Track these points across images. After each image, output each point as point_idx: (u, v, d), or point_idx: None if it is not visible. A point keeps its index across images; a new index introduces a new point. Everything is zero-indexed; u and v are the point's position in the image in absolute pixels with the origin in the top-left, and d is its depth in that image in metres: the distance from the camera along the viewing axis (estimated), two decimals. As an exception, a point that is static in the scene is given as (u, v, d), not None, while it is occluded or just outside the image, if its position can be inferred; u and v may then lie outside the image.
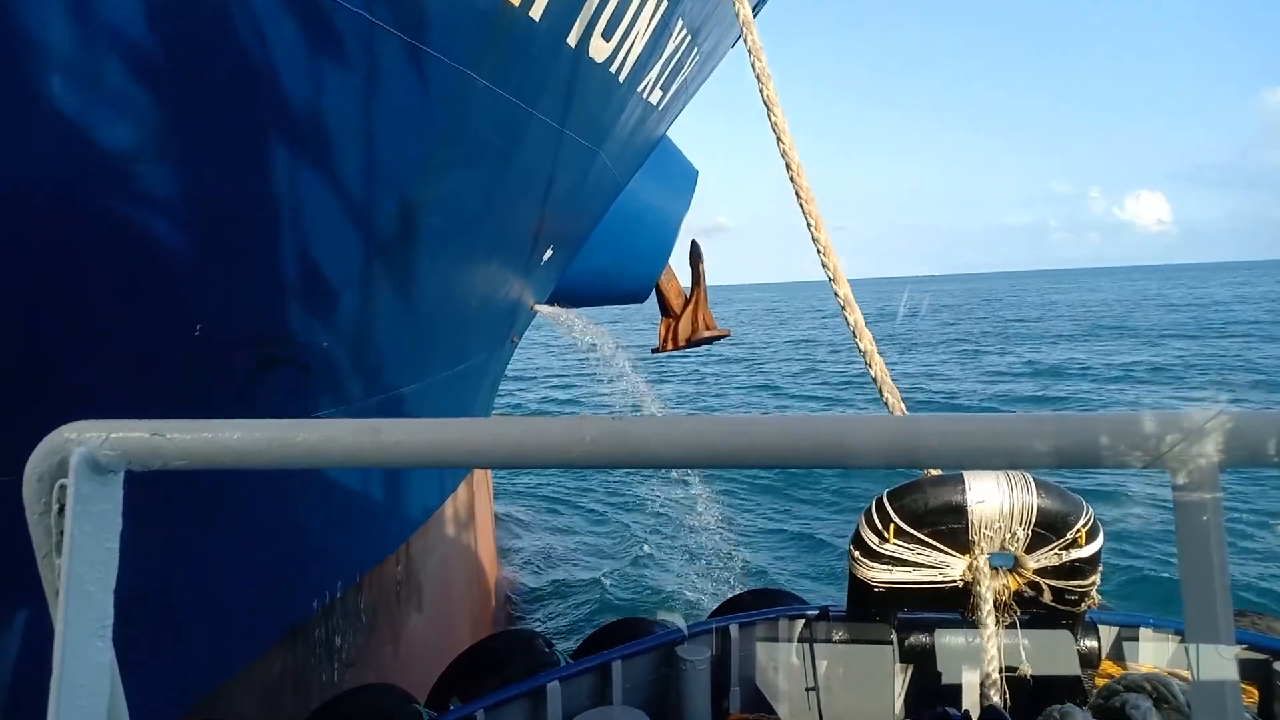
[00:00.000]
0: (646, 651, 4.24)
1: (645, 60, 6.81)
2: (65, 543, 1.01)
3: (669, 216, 10.94)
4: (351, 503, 6.15)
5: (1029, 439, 0.91)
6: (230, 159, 3.63)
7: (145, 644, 4.19)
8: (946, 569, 3.75)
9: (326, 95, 3.84)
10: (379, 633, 6.79)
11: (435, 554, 8.38)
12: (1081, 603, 3.78)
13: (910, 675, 3.94)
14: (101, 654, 1.03)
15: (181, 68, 3.19)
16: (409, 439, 1.03)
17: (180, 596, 4.44)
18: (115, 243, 3.32)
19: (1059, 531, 3.60)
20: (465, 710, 3.84)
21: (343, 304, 4.89)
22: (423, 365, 6.70)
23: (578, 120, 6.37)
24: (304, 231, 4.19)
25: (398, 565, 7.24)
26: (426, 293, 5.94)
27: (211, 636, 4.84)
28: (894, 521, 3.71)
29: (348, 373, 5.35)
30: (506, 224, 6.68)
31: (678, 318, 11.69)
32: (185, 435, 1.04)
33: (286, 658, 5.53)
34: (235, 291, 4.03)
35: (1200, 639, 0.86)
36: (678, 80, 8.30)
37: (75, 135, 2.96)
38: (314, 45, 3.64)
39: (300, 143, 3.88)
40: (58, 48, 2.78)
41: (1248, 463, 0.86)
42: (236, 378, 4.28)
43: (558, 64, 5.52)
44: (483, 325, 7.96)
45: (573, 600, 13.03)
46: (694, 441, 0.99)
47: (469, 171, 5.44)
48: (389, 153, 4.46)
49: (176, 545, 4.26)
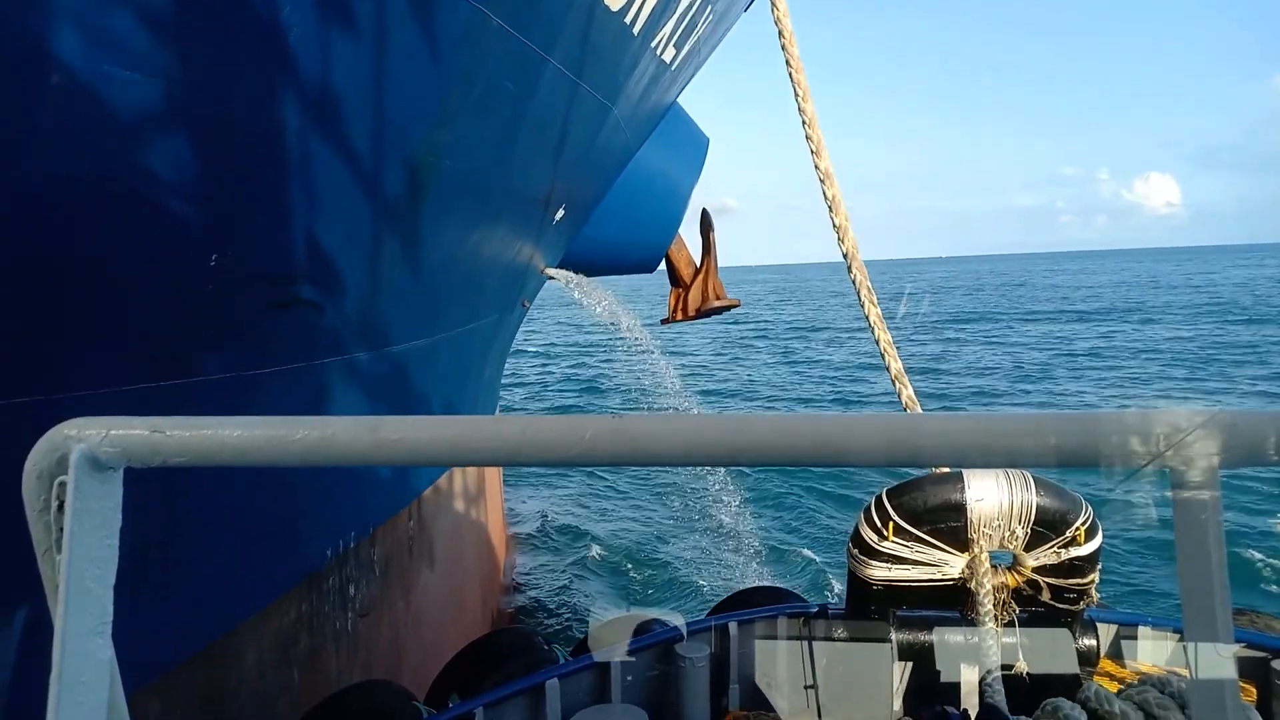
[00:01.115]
0: (645, 649, 4.24)
1: (660, 13, 6.72)
2: (65, 540, 1.01)
3: (680, 185, 10.73)
4: None
5: (1028, 438, 0.91)
6: (244, 95, 3.60)
7: (159, 582, 4.23)
8: (945, 567, 3.76)
9: (338, 31, 3.80)
10: (391, 584, 6.87)
11: (447, 515, 8.49)
12: (1080, 601, 3.79)
13: (909, 673, 3.94)
14: (101, 650, 1.03)
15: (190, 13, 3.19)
16: (409, 436, 1.04)
17: (195, 538, 4.49)
18: (129, 174, 3.35)
19: (1058, 530, 3.60)
20: (464, 707, 3.85)
21: (356, 248, 4.86)
22: (433, 320, 6.67)
23: (592, 71, 6.29)
24: (317, 171, 4.17)
25: (410, 521, 7.33)
26: (439, 245, 5.89)
27: (227, 578, 4.89)
28: (893, 519, 3.72)
29: (359, 320, 5.34)
30: (520, 178, 6.60)
31: (688, 288, 11.56)
32: (185, 432, 1.04)
33: (301, 604, 5.60)
34: (249, 225, 4.03)
35: (1199, 637, 0.86)
36: (691, 39, 8.17)
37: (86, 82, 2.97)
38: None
39: (312, 80, 3.83)
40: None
41: (1247, 462, 0.86)
42: (252, 313, 4.30)
43: (573, 8, 5.46)
44: (494, 284, 7.88)
45: (574, 588, 13.05)
46: (694, 440, 0.99)
47: (483, 118, 5.36)
48: (402, 93, 4.41)
49: (191, 489, 4.31)
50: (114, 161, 3.24)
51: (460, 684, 4.65)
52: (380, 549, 6.66)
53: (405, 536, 7.24)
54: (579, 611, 12.17)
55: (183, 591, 4.44)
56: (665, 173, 10.36)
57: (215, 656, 4.84)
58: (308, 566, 5.69)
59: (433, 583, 7.85)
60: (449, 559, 8.50)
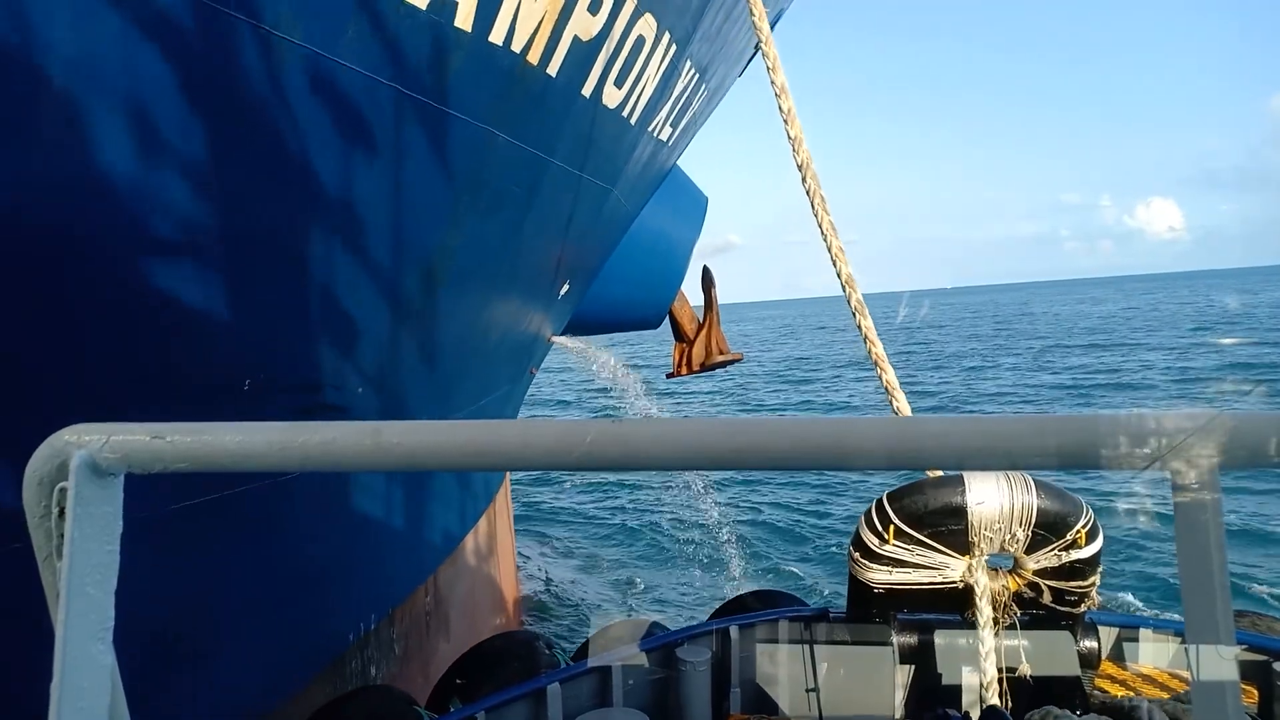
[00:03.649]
0: (647, 653, 4.24)
1: (655, 102, 7.00)
2: (66, 545, 1.01)
3: (680, 243, 11.07)
4: (380, 534, 6.38)
5: (1029, 440, 0.91)
6: (271, 226, 3.85)
7: (198, 671, 4.48)
8: (946, 570, 3.75)
9: (358, 161, 4.06)
10: (410, 661, 7.04)
11: (462, 583, 8.68)
12: (1081, 603, 3.78)
13: (910, 676, 3.94)
14: (102, 656, 1.02)
15: (221, 149, 3.40)
16: (409, 441, 1.03)
17: (228, 628, 4.72)
18: (174, 309, 3.61)
19: (1059, 532, 3.60)
20: (466, 712, 3.84)
21: (374, 350, 5.13)
22: (448, 401, 6.94)
23: (593, 163, 6.56)
24: (339, 285, 4.43)
25: (427, 596, 7.53)
26: (452, 334, 6.15)
27: (259, 668, 5.09)
28: (894, 523, 3.71)
29: (378, 414, 5.54)
30: (526, 264, 6.88)
31: (691, 343, 11.77)
32: (185, 438, 1.04)
33: (326, 689, 5.78)
34: (280, 344, 4.29)
35: (1200, 639, 0.86)
36: (687, 116, 8.49)
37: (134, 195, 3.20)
38: (350, 119, 3.86)
39: (336, 204, 4.09)
40: (119, 142, 2.98)
41: (1247, 463, 0.86)
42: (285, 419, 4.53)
43: (573, 114, 5.71)
44: (504, 359, 8.15)
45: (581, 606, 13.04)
46: (694, 444, 0.99)
47: (491, 219, 5.64)
48: (417, 208, 4.66)
49: (226, 581, 4.55)
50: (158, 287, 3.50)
51: (462, 688, 4.64)
52: (399, 628, 6.87)
53: (422, 612, 7.43)
54: (580, 615, 12.16)
55: (220, 683, 4.68)
56: (666, 233, 10.65)
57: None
58: (334, 651, 5.94)
59: (449, 653, 7.93)
60: (464, 626, 8.64)
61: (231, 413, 4.08)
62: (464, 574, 8.83)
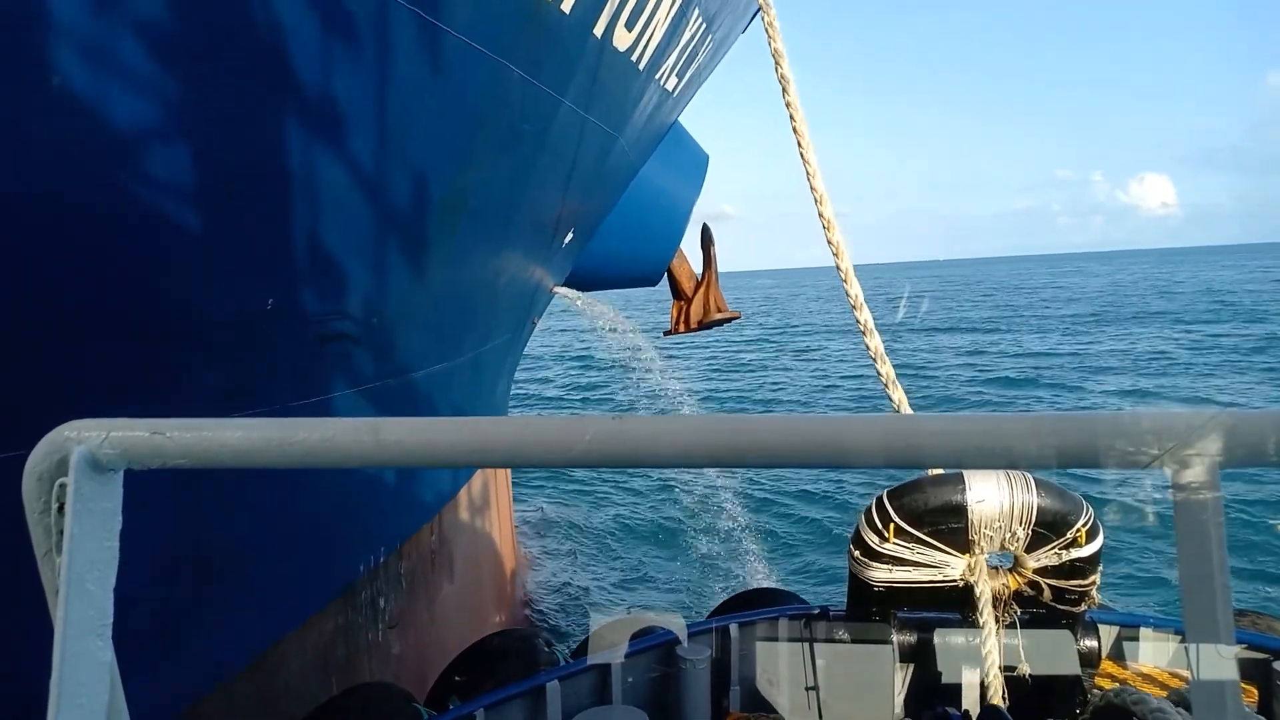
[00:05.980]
0: (646, 651, 4.24)
1: (663, 48, 7.13)
2: (65, 541, 1.01)
3: (681, 201, 11.11)
4: (386, 476, 6.60)
5: (1029, 438, 0.91)
6: (290, 154, 3.92)
7: (236, 588, 4.79)
8: (946, 568, 3.75)
9: (384, 89, 4.16)
10: (416, 596, 7.27)
11: (464, 528, 8.92)
12: (1081, 602, 3.78)
13: (910, 675, 3.94)
14: (102, 653, 1.02)
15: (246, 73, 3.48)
16: (409, 438, 1.03)
17: (251, 555, 4.97)
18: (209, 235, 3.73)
19: (1059, 531, 3.60)
20: (465, 709, 3.84)
21: (390, 286, 5.27)
22: (456, 344, 7.11)
23: (601, 106, 6.67)
24: (361, 218, 4.55)
25: (432, 535, 7.72)
26: (462, 275, 6.30)
27: (284, 585, 5.39)
28: (894, 521, 3.71)
29: (390, 349, 5.74)
30: (533, 208, 7.00)
31: (690, 300, 11.80)
32: (185, 434, 1.04)
33: (338, 617, 6.04)
34: (303, 270, 4.41)
35: (1200, 639, 0.86)
36: (692, 67, 8.62)
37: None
38: (377, 40, 3.94)
39: (358, 132, 4.18)
40: (76, 30, 2.90)
41: (1247, 462, 0.86)
42: (306, 347, 4.77)
43: (584, 53, 5.82)
44: (508, 307, 8.28)
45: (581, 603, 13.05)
46: (694, 441, 0.99)
47: (505, 157, 5.74)
48: (435, 143, 4.76)
49: (257, 515, 4.84)
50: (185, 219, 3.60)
51: (461, 686, 4.65)
52: (406, 563, 7.09)
53: (428, 551, 7.62)
54: (580, 613, 12.17)
55: (240, 606, 4.95)
56: (667, 190, 10.70)
57: (265, 666, 5.28)
58: (346, 579, 6.16)
59: (452, 593, 8.19)
60: (467, 570, 8.87)
61: (261, 340, 4.31)
62: (465, 521, 9.14)
